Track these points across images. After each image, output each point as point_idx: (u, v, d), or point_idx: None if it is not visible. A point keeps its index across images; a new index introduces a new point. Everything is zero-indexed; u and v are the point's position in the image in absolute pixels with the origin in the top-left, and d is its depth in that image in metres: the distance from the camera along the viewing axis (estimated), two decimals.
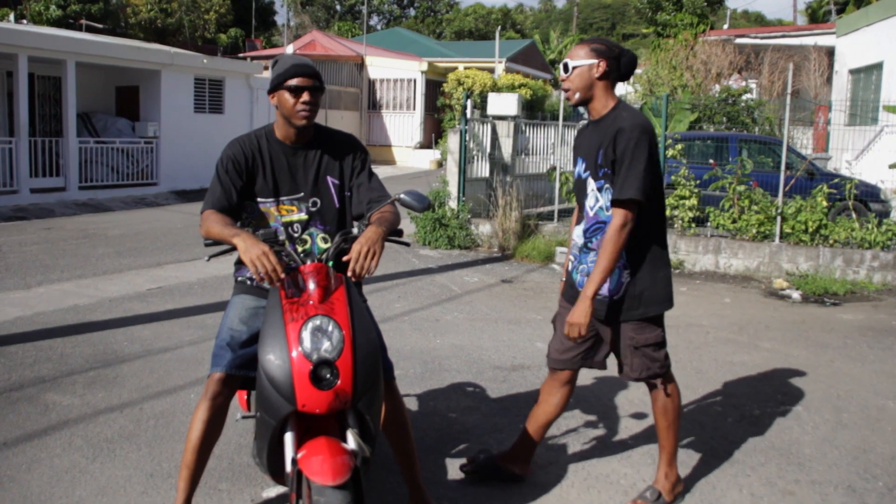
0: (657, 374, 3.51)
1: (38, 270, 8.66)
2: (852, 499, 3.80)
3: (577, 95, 3.39)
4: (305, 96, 3.07)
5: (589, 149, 3.43)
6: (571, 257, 3.61)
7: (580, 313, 3.29)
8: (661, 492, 3.61)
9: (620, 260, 3.36)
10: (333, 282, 2.84)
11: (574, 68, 3.36)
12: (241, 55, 31.32)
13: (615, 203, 3.26)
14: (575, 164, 3.57)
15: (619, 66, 3.38)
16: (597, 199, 3.39)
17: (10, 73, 14.90)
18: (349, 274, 2.81)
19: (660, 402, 3.59)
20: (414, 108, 27.79)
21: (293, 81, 3.07)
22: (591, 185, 3.40)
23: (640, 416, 4.80)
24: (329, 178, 3.24)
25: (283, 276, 2.75)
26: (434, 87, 27.73)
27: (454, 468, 3.97)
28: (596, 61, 3.33)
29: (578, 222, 3.56)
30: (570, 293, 3.58)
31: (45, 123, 16.76)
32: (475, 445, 4.27)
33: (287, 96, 3.09)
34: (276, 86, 3.11)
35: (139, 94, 17.65)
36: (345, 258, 2.84)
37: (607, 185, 3.34)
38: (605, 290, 3.40)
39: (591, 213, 3.43)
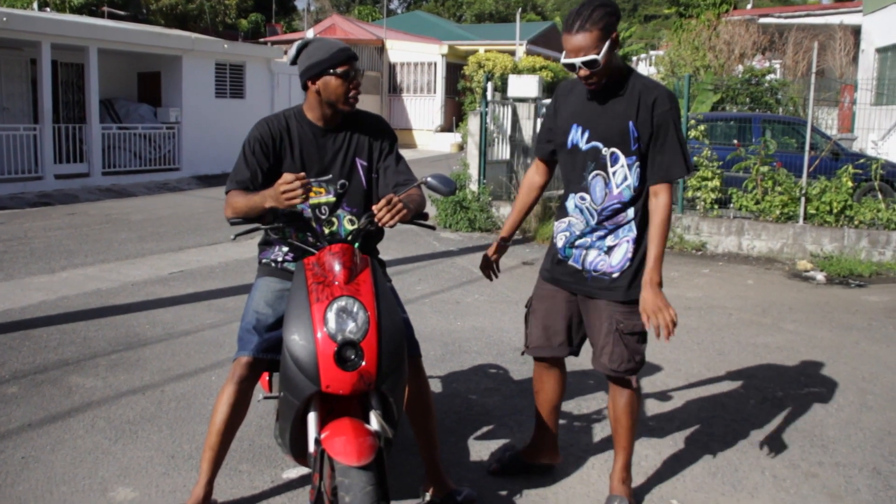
0: (633, 370, 3.23)
1: (63, 255, 8.74)
2: (877, 481, 3.76)
3: (604, 81, 3.07)
4: (357, 82, 3.09)
5: (602, 118, 3.11)
6: (566, 234, 3.29)
7: (652, 302, 3.00)
8: (629, 500, 3.35)
9: (630, 234, 3.15)
10: (359, 263, 2.83)
11: (602, 56, 2.95)
12: (261, 40, 31.35)
13: (665, 180, 3.04)
14: (566, 133, 3.23)
15: (617, 16, 3.03)
16: (626, 176, 3.09)
17: (33, 60, 14.98)
18: (375, 209, 2.80)
19: (623, 400, 3.30)
20: (434, 92, 27.72)
21: (344, 68, 3.05)
22: (622, 160, 3.08)
23: (661, 398, 4.78)
24: (358, 160, 3.23)
25: (307, 178, 2.78)
26: (454, 70, 27.63)
27: (474, 450, 3.97)
28: (611, 40, 2.97)
29: (569, 197, 3.27)
30: (562, 272, 3.33)
31: (69, 110, 16.87)
32: (496, 427, 4.26)
33: (336, 82, 3.06)
34: (321, 71, 3.06)
35: (161, 80, 17.71)
36: (375, 207, 2.81)
37: (638, 162, 3.08)
38: (608, 267, 3.17)
39: (614, 192, 3.12)
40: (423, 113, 27.86)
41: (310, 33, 28.63)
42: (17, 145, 14.13)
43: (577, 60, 2.97)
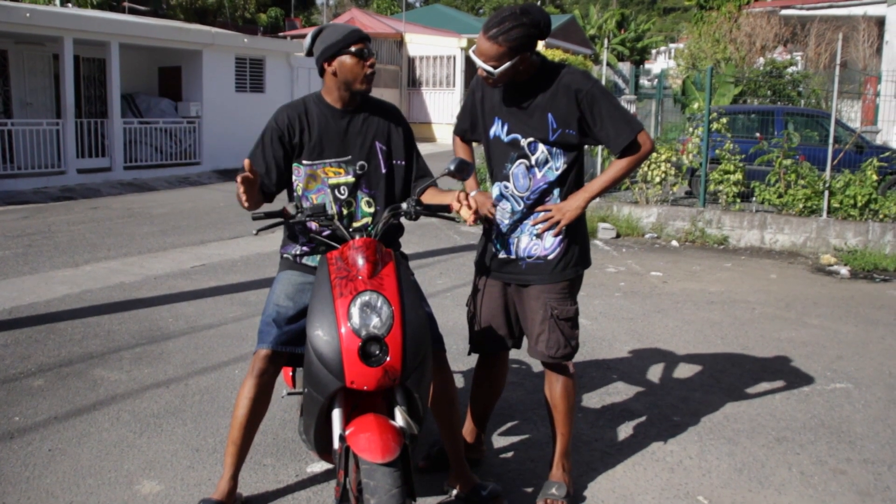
0: (569, 355, 3.29)
1: (86, 249, 8.79)
2: None
3: (500, 85, 3.19)
4: (371, 60, 3.14)
5: (521, 113, 3.19)
6: (496, 226, 3.31)
7: (577, 207, 3.17)
8: (567, 486, 3.36)
9: None
10: (383, 257, 2.82)
11: (499, 72, 3.06)
12: (280, 34, 31.40)
13: (617, 153, 3.17)
14: (489, 126, 3.31)
15: (541, 36, 3.08)
16: (547, 159, 3.19)
17: (56, 55, 15.08)
18: (454, 206, 2.94)
19: (560, 386, 3.35)
20: (453, 86, 27.66)
21: (358, 46, 3.11)
22: (542, 147, 3.17)
23: (685, 393, 4.75)
24: (378, 144, 3.26)
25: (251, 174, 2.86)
26: (473, 63, 27.52)
27: (498, 444, 3.96)
28: (518, 58, 3.04)
29: (495, 185, 3.32)
30: (496, 264, 3.32)
31: (91, 105, 16.97)
32: (520, 423, 4.25)
33: (351, 62, 3.11)
34: (336, 52, 3.11)
35: (181, 75, 17.76)
36: (454, 208, 2.96)
37: (560, 149, 3.17)
38: (542, 251, 3.22)
39: (538, 176, 3.19)
40: (441, 107, 27.80)
41: None
42: (40, 140, 14.24)
43: (479, 64, 3.11)
